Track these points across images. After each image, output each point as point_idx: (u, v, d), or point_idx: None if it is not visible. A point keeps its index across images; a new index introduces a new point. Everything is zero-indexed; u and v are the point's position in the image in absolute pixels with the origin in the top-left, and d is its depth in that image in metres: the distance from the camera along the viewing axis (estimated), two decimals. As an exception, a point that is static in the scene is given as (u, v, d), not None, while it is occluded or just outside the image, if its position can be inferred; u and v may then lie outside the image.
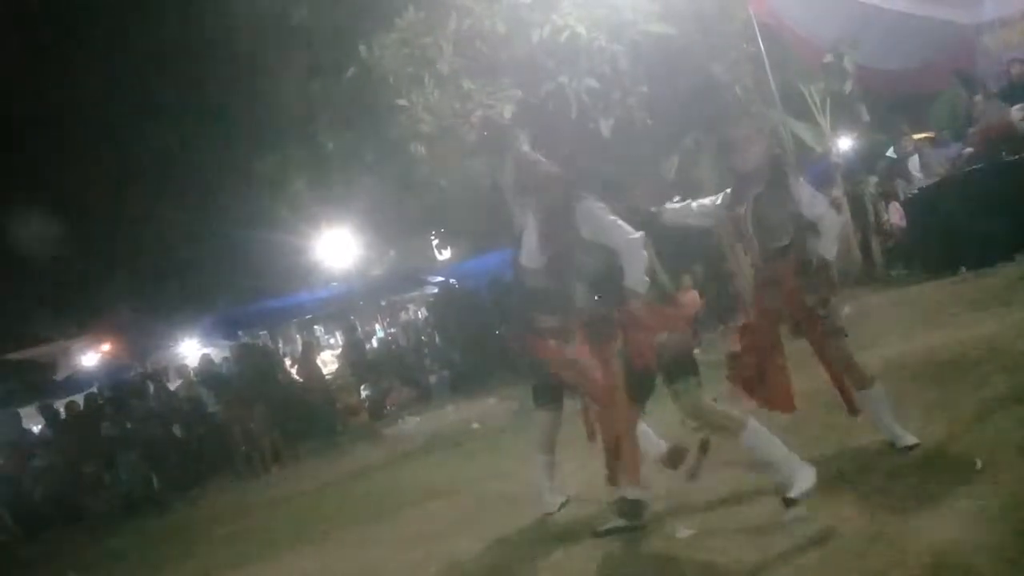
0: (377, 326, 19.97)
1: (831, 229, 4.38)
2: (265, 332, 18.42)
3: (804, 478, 3.67)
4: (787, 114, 11.52)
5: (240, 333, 17.13)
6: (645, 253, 4.05)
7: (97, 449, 12.11)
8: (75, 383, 16.40)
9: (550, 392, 5.00)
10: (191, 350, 17.17)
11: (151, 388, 13.82)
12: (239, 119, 16.56)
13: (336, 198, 15.73)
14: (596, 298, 4.17)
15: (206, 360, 14.04)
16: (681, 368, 3.96)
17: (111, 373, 16.67)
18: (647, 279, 4.00)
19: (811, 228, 4.34)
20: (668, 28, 9.75)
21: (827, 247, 4.33)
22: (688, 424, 4.39)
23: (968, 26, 12.18)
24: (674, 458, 4.58)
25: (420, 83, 10.16)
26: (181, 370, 14.40)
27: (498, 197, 11.45)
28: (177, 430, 12.79)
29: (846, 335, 4.48)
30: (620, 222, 4.15)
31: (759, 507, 4.14)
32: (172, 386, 14.20)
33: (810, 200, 4.36)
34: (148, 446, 12.15)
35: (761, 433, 3.84)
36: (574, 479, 5.39)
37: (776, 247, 4.38)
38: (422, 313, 19.67)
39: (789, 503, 3.62)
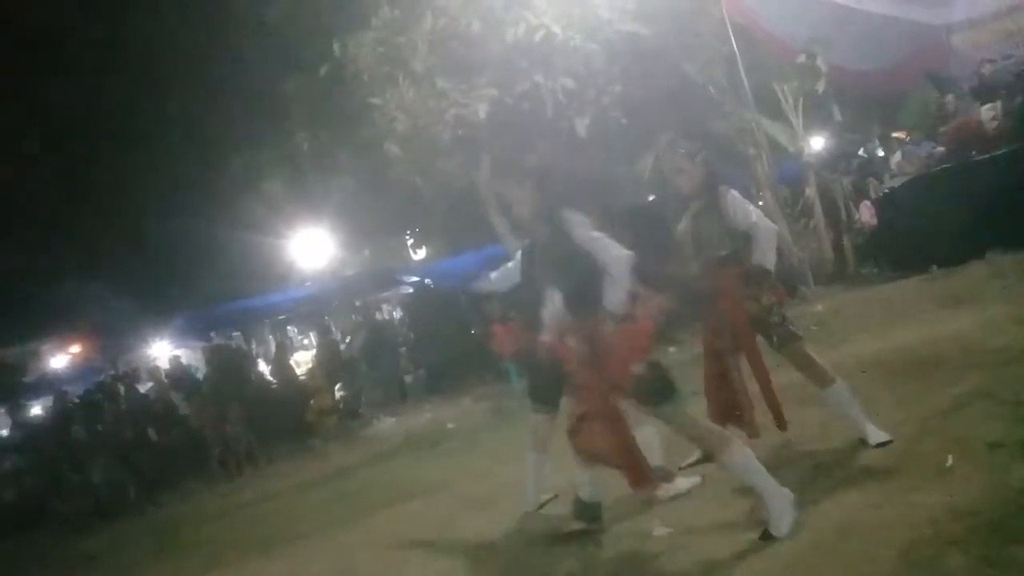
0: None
1: (765, 238, 4.48)
2: (238, 333, 18.25)
3: (786, 514, 3.68)
4: (761, 113, 11.61)
5: (213, 334, 16.97)
6: (629, 275, 3.93)
7: (68, 452, 11.94)
8: (45, 385, 16.18)
9: (547, 394, 4.97)
10: (163, 351, 16.99)
11: (122, 390, 13.65)
12: (211, 117, 16.40)
13: (310, 197, 15.64)
14: (568, 312, 4.10)
15: (176, 361, 13.91)
16: (654, 393, 3.88)
17: (81, 375, 16.45)
18: (626, 302, 3.89)
19: (748, 237, 4.47)
20: (642, 27, 9.78)
21: (764, 256, 4.45)
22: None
23: (939, 27, 12.33)
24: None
25: (394, 82, 10.12)
26: (153, 372, 14.24)
27: (473, 197, 11.50)
28: (149, 432, 12.64)
29: (801, 337, 4.55)
30: (607, 238, 4.03)
31: (734, 503, 4.16)
32: (143, 388, 14.03)
33: (743, 212, 4.49)
34: (120, 449, 12.00)
35: (745, 458, 3.79)
36: (562, 476, 5.37)
37: (716, 258, 4.53)
38: (397, 313, 19.59)
39: (766, 537, 3.65)
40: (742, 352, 4.55)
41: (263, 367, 15.21)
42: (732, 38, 10.97)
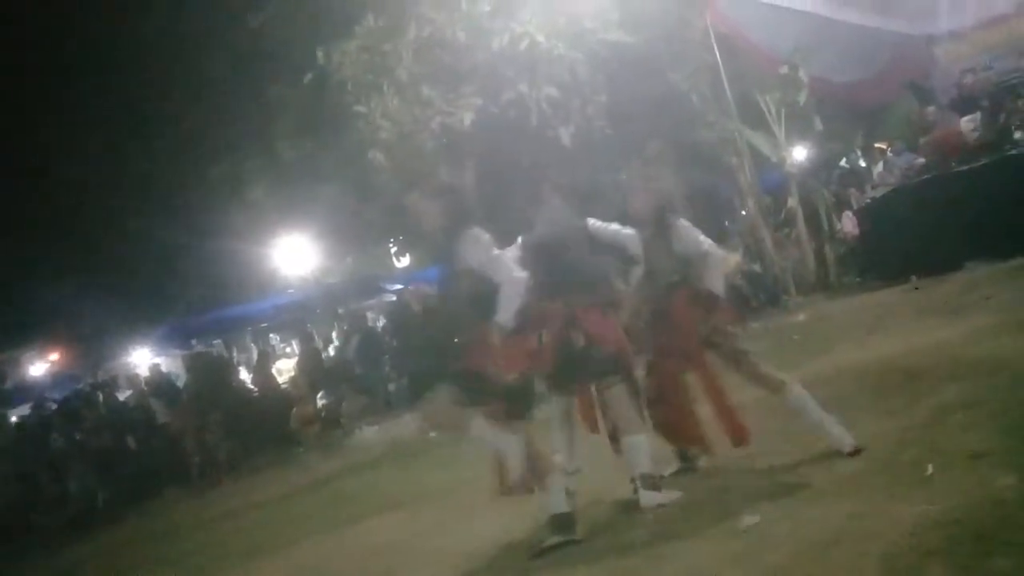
0: (334, 334, 19.77)
1: (716, 265, 4.73)
2: (219, 341, 18.15)
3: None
4: (743, 124, 11.68)
5: (194, 342, 16.87)
6: (522, 295, 4.27)
7: (46, 461, 11.82)
8: (22, 393, 16.01)
9: (560, 380, 5.06)
10: (143, 359, 16.86)
11: (101, 398, 13.55)
12: (195, 124, 16.32)
13: (293, 205, 15.57)
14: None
15: (156, 369, 13.83)
16: (516, 405, 4.37)
17: (60, 383, 16.30)
18: (513, 321, 4.23)
19: (699, 265, 4.70)
20: (627, 37, 9.82)
21: (714, 282, 4.67)
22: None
23: (920, 38, 12.45)
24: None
25: (379, 90, 10.13)
26: (132, 380, 14.13)
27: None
28: (129, 441, 12.53)
29: (748, 352, 4.71)
30: (505, 259, 4.41)
31: (716, 512, 4.16)
32: (123, 396, 13.92)
33: (695, 241, 4.72)
34: (99, 457, 11.89)
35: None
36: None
37: (667, 283, 4.73)
38: (380, 321, 19.52)
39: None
40: (693, 372, 4.70)
41: (245, 375, 15.12)
42: (716, 49, 11.03)
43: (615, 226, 4.94)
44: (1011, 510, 3.19)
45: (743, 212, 12.64)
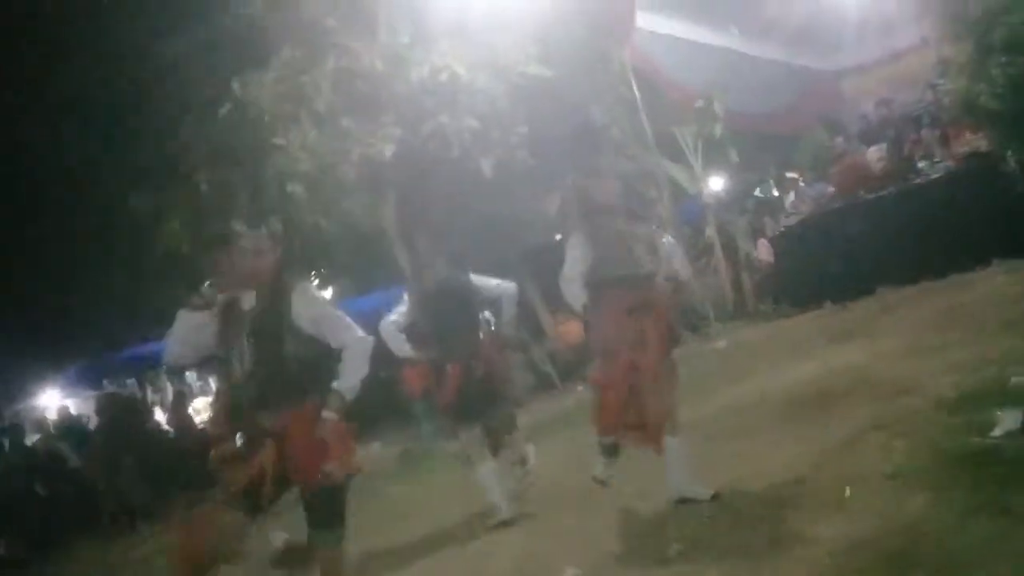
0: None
1: (681, 254, 5.05)
2: (133, 380, 17.53)
3: None
4: (662, 156, 11.90)
5: (106, 382, 16.25)
6: (368, 362, 3.74)
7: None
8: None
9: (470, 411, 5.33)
10: (52, 401, 16.16)
11: (7, 443, 12.93)
12: (106, 157, 15.84)
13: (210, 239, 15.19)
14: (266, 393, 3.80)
15: (64, 411, 13.27)
16: (327, 514, 3.79)
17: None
18: (357, 387, 3.71)
19: (668, 255, 4.80)
20: (546, 70, 9.92)
21: (683, 269, 4.95)
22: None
23: (829, 72, 12.96)
24: None
25: (297, 121, 9.97)
26: (40, 423, 13.52)
27: (379, 236, 11.38)
28: (37, 487, 11.96)
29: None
30: (347, 319, 3.77)
31: (643, 547, 4.14)
32: (29, 440, 13.29)
33: (663, 237, 4.95)
34: (4, 504, 11.33)
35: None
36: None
37: (642, 273, 4.61)
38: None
39: None
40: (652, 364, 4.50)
41: (160, 415, 14.62)
42: (633, 83, 11.25)
43: (494, 282, 5.30)
44: (924, 529, 3.24)
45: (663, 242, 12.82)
